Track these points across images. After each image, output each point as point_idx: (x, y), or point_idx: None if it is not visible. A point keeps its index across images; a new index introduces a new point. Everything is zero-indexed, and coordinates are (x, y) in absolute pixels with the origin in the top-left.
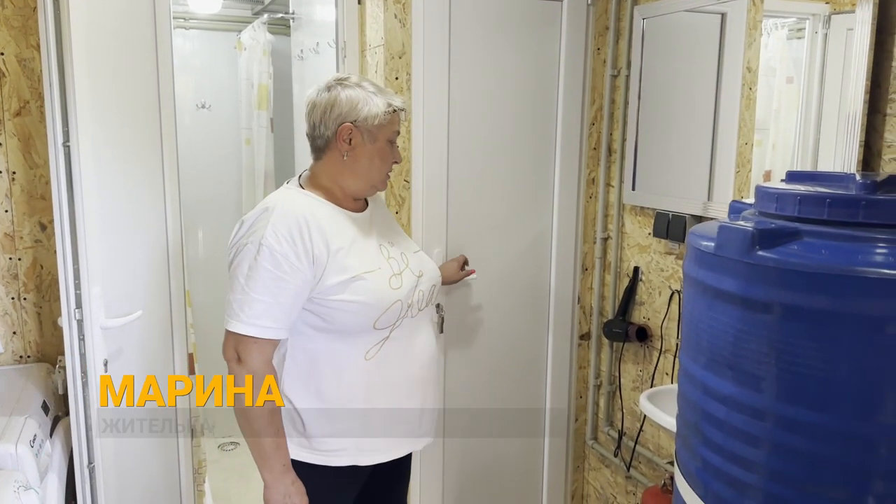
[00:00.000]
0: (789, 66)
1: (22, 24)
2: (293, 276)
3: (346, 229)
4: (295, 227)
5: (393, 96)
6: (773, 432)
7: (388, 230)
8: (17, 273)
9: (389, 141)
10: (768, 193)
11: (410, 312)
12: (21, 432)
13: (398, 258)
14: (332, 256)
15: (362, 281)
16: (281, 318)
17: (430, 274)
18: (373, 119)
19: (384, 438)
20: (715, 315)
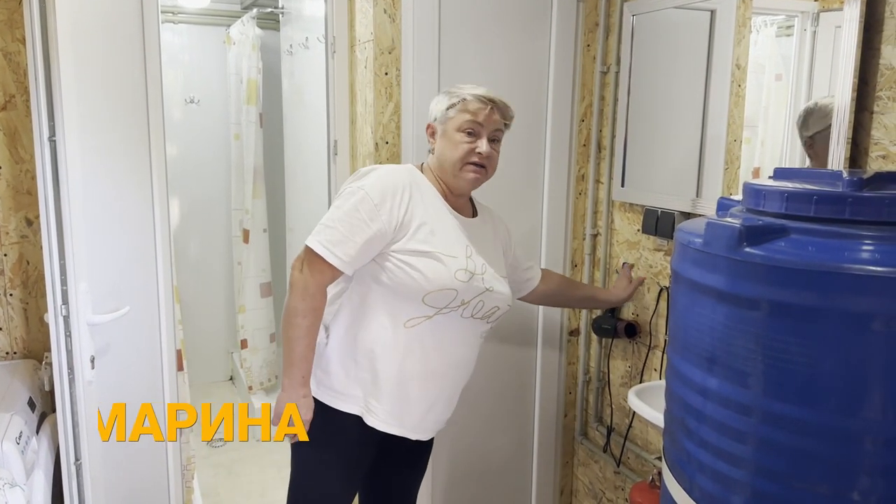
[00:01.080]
0: (778, 64)
1: (7, 17)
2: (374, 225)
3: (441, 214)
4: (398, 187)
5: (463, 90)
6: (759, 428)
7: (484, 243)
8: (3, 269)
9: (459, 130)
10: (756, 190)
11: (462, 311)
12: (7, 429)
13: (478, 265)
14: (418, 228)
15: (434, 260)
16: (349, 253)
17: (500, 296)
18: (443, 110)
19: (389, 408)
20: (702, 311)
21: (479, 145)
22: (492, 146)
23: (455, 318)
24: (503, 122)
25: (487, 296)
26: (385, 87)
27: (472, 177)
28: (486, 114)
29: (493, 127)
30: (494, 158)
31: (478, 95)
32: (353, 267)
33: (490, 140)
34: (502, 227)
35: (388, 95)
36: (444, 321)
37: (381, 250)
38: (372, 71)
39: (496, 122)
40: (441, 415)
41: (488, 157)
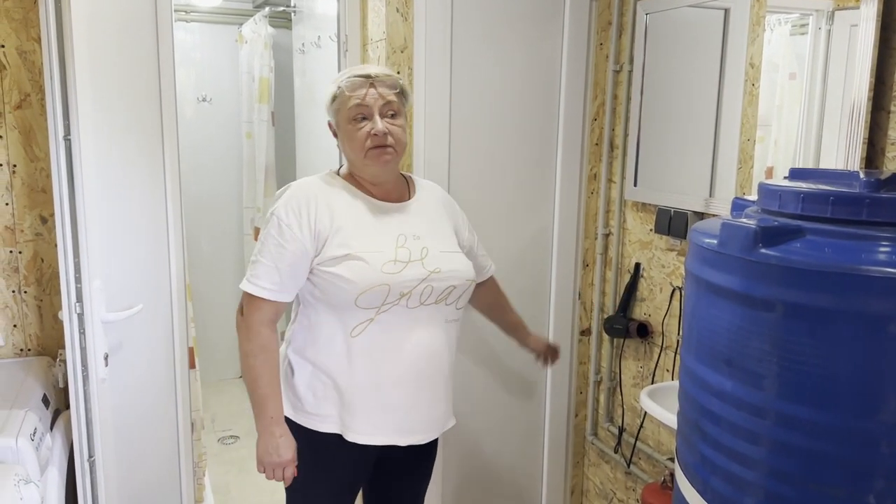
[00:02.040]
0: (792, 63)
1: (23, 16)
2: (291, 245)
3: (357, 212)
4: (304, 202)
5: (341, 76)
6: (774, 430)
7: (424, 224)
8: (18, 266)
9: (349, 121)
10: (771, 191)
11: (406, 302)
12: (21, 426)
13: (414, 250)
14: (335, 233)
15: (356, 260)
16: (279, 282)
17: (451, 275)
18: (330, 106)
19: (365, 420)
20: (717, 312)
21: (372, 125)
22: (390, 121)
23: (402, 312)
24: (393, 93)
25: (435, 278)
26: None
27: (382, 159)
28: (369, 92)
29: (383, 102)
30: (397, 133)
31: (353, 76)
32: (289, 293)
33: (386, 115)
34: (451, 204)
35: None
36: (390, 319)
37: (310, 267)
38: None
39: (384, 95)
40: (431, 412)
41: (389, 134)
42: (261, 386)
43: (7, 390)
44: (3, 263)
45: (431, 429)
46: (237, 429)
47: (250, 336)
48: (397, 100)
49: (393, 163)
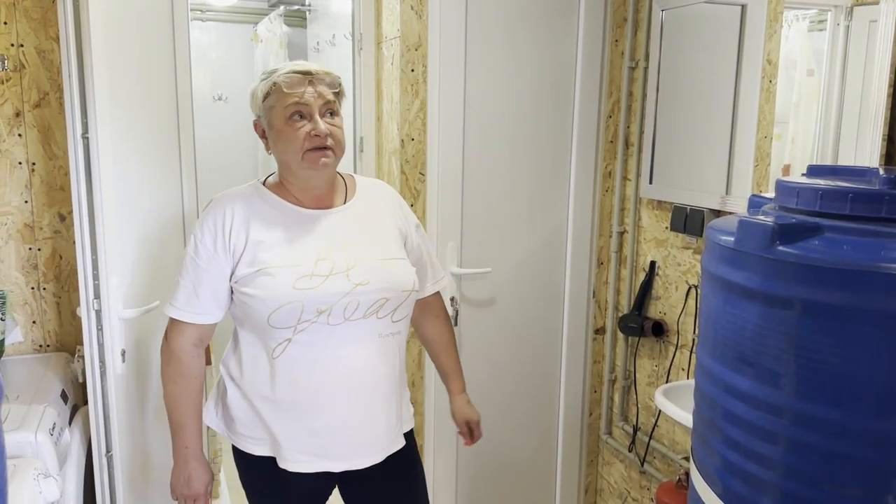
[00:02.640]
0: (810, 59)
1: (41, 15)
2: (210, 265)
3: (277, 224)
4: (220, 218)
5: (275, 73)
6: (791, 429)
7: (358, 230)
8: (37, 263)
9: (285, 120)
10: (789, 188)
11: (327, 319)
12: (41, 421)
13: (336, 261)
14: (249, 248)
15: (266, 276)
16: (199, 304)
17: (382, 286)
18: (260, 104)
19: (291, 446)
20: (733, 311)
21: (313, 125)
22: (329, 121)
23: (322, 330)
24: (332, 92)
25: (361, 292)
26: (411, 83)
27: (321, 161)
28: (307, 90)
29: (322, 101)
30: (337, 134)
31: (291, 71)
32: (211, 314)
33: (325, 115)
34: (399, 205)
35: (413, 92)
36: (310, 338)
37: (230, 286)
38: (398, 68)
39: (323, 93)
40: (369, 434)
41: (330, 135)
42: (176, 414)
43: (26, 386)
44: (23, 261)
45: (371, 452)
46: None
47: (169, 360)
48: (335, 99)
49: (332, 166)
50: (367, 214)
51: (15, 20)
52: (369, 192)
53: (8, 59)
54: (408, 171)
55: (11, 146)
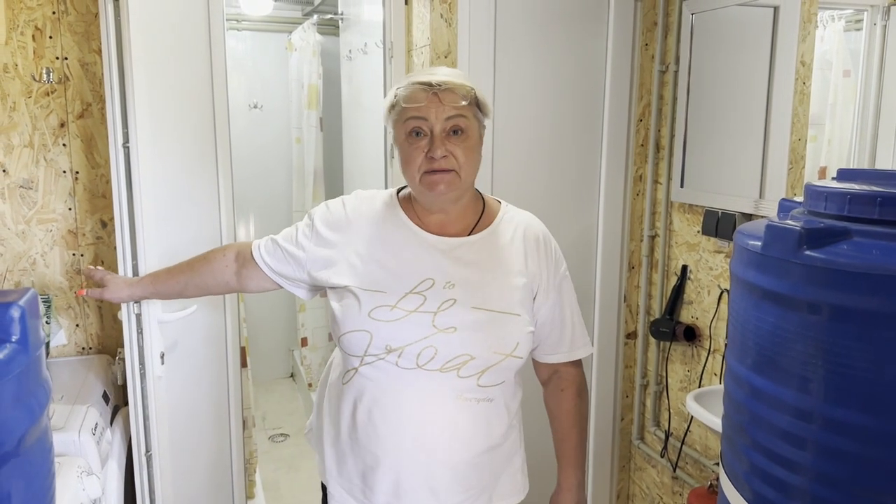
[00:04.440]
0: (846, 59)
1: (84, 29)
2: (295, 245)
3: (390, 241)
4: (343, 216)
5: (401, 82)
6: (820, 434)
7: (473, 269)
8: (80, 268)
9: (406, 137)
10: (817, 192)
11: (397, 360)
12: (83, 421)
13: (432, 299)
14: (345, 262)
15: (350, 296)
16: (267, 251)
17: (471, 340)
18: (387, 117)
19: (336, 479)
20: (762, 315)
21: (431, 149)
22: (452, 141)
23: (390, 370)
24: (461, 105)
25: (442, 341)
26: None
27: (438, 188)
28: (429, 103)
29: (446, 115)
30: (462, 156)
31: (412, 82)
32: (268, 268)
33: (449, 133)
34: (542, 249)
35: None
36: (376, 375)
37: (297, 277)
38: None
39: (447, 108)
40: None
41: (450, 156)
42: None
43: (70, 387)
44: (67, 266)
45: None
46: (287, 427)
47: (227, 250)
48: (466, 114)
49: (451, 192)
50: (493, 252)
51: (59, 34)
52: (509, 226)
53: (53, 71)
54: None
55: (56, 156)
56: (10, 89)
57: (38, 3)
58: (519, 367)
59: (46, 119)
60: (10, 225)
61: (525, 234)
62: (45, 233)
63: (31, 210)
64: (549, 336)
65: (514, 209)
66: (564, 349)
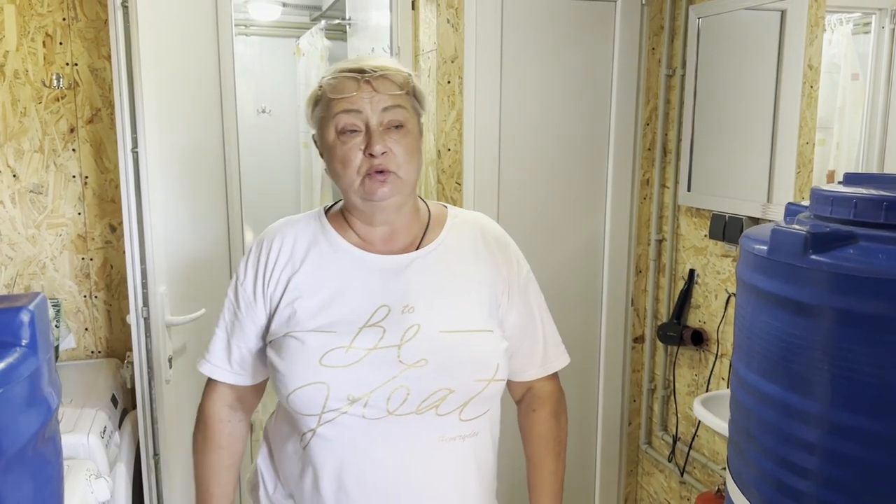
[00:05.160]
0: (854, 62)
1: (94, 35)
2: (248, 314)
3: (329, 270)
4: (265, 253)
5: (332, 68)
6: (826, 439)
7: (430, 288)
8: (89, 272)
9: (337, 135)
10: (823, 196)
11: (363, 411)
12: (92, 424)
13: (393, 331)
14: (287, 298)
15: (293, 341)
16: (235, 360)
17: (445, 370)
18: (311, 116)
19: None
20: (768, 320)
21: (369, 144)
22: (391, 136)
23: (356, 424)
24: (399, 96)
25: (413, 377)
26: (447, 95)
27: (379, 191)
28: (362, 92)
29: (382, 105)
30: (403, 154)
31: (340, 70)
32: (248, 375)
33: (388, 127)
34: (501, 252)
35: (450, 104)
36: (339, 434)
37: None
38: (435, 80)
39: (384, 97)
40: None
41: (390, 152)
42: (200, 489)
43: (79, 390)
44: (76, 270)
45: None
46: None
47: (198, 423)
48: (405, 105)
49: (396, 197)
50: (450, 264)
51: (70, 40)
52: (462, 232)
53: (63, 77)
54: (444, 181)
55: (66, 160)
56: (21, 95)
57: (48, 9)
58: (502, 391)
59: (56, 124)
60: (21, 229)
61: (483, 237)
62: (54, 237)
63: (41, 214)
64: (518, 349)
65: (462, 211)
66: (537, 363)
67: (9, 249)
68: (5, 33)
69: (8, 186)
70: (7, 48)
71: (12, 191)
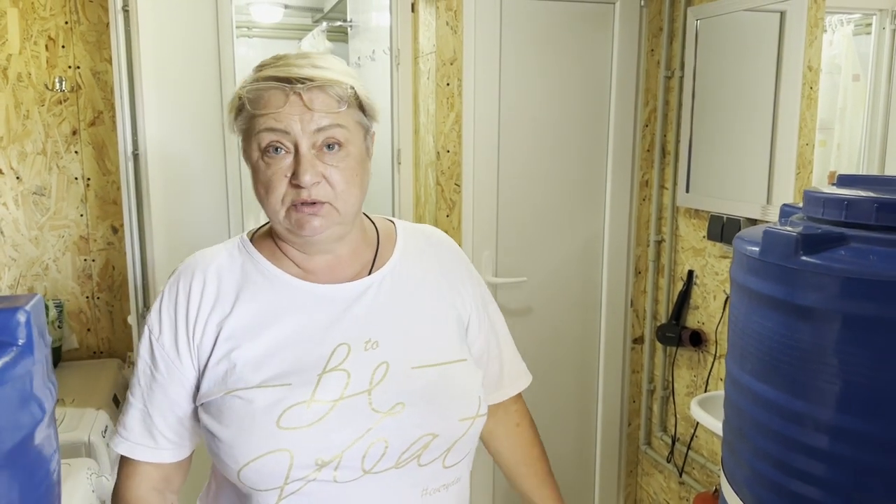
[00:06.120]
0: (856, 63)
1: (96, 39)
2: (170, 375)
3: (266, 309)
4: (183, 297)
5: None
6: (818, 439)
7: (384, 322)
8: (91, 274)
9: (260, 154)
10: (815, 198)
11: (333, 474)
12: (94, 423)
13: (359, 374)
14: (220, 349)
15: (237, 402)
16: (158, 434)
17: (426, 414)
18: (232, 123)
19: None
20: (760, 320)
21: (296, 172)
22: (326, 159)
23: (327, 491)
24: (336, 108)
25: (390, 427)
26: (446, 97)
27: (311, 226)
28: (290, 108)
29: (316, 126)
30: (341, 182)
31: (264, 77)
32: (173, 448)
33: (321, 148)
34: (459, 268)
35: (449, 105)
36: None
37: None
38: (434, 82)
39: (317, 115)
40: None
41: (323, 182)
42: None
43: (81, 390)
44: (78, 271)
45: None
46: None
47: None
48: (345, 123)
49: (332, 229)
50: (408, 288)
51: (72, 44)
52: (414, 251)
53: (65, 80)
54: (443, 183)
55: (68, 163)
56: (24, 98)
57: (51, 13)
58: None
59: (59, 127)
60: (24, 231)
61: (438, 253)
62: (57, 238)
63: (44, 216)
64: (486, 374)
65: (409, 225)
66: (506, 384)
67: (12, 251)
68: (8, 37)
69: (11, 188)
70: (10, 51)
71: (15, 193)
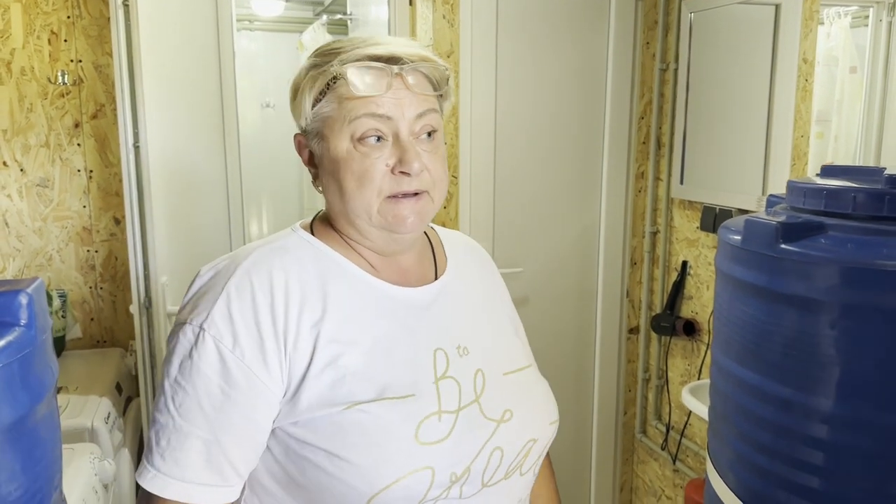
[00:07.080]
0: (853, 55)
1: (98, 32)
2: (253, 394)
3: (360, 310)
4: (264, 300)
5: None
6: (798, 422)
7: (468, 322)
8: (94, 264)
9: (359, 139)
10: (797, 188)
11: (462, 489)
12: (97, 410)
13: (464, 381)
14: (322, 351)
15: (363, 415)
16: (231, 468)
17: (528, 419)
18: (308, 111)
19: None
20: (742, 307)
21: (402, 159)
22: (424, 148)
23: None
24: (433, 96)
25: (503, 434)
26: None
27: (408, 221)
28: (393, 91)
29: (418, 110)
30: (438, 169)
31: (366, 55)
32: (234, 486)
33: (419, 135)
34: (496, 275)
35: None
36: None
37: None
38: None
39: (417, 98)
40: None
41: (427, 171)
42: None
43: (85, 378)
44: (82, 261)
45: None
46: None
47: None
48: (438, 108)
49: (422, 225)
50: (470, 295)
51: (74, 38)
52: (463, 257)
53: (68, 73)
54: None
55: (71, 155)
56: (27, 91)
57: (53, 7)
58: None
59: (62, 120)
60: (28, 222)
61: (478, 260)
62: (60, 230)
63: (48, 208)
64: None
65: (442, 229)
66: None
67: (16, 241)
68: (12, 31)
69: (15, 180)
70: (14, 45)
71: (19, 184)
